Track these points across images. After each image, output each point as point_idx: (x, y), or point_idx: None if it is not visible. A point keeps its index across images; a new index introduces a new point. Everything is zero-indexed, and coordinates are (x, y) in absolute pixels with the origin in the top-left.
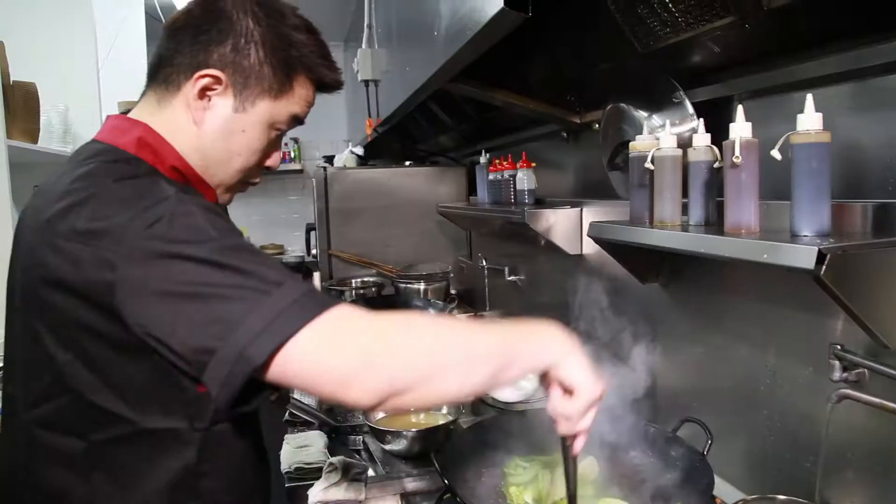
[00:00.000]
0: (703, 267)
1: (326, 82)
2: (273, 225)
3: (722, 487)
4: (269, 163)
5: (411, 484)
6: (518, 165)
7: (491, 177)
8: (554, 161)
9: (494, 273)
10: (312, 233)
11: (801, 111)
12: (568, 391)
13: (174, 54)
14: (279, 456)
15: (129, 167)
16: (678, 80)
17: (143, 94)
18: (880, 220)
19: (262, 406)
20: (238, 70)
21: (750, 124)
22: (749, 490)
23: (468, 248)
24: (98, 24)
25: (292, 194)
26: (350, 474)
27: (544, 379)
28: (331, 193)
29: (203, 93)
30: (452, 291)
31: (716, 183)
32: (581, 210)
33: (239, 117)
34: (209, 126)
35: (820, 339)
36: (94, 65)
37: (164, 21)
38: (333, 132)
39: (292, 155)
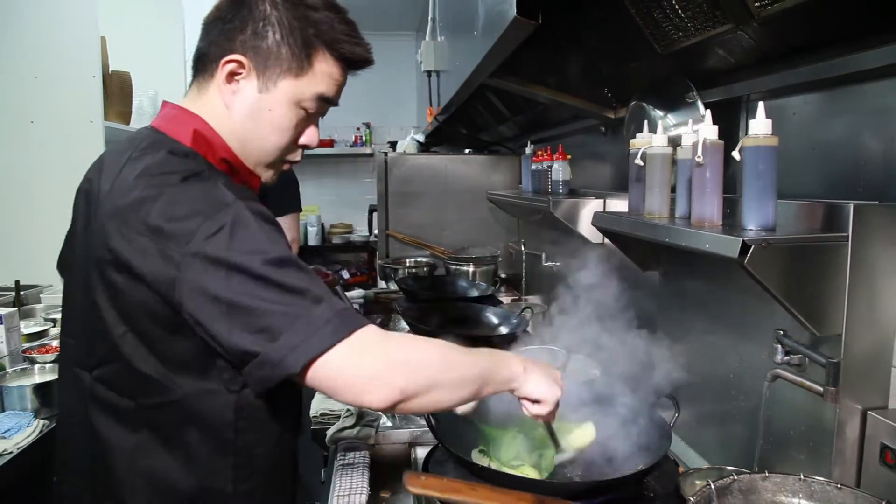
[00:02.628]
0: (694, 257)
1: (350, 58)
2: (343, 205)
3: (696, 460)
4: (303, 140)
5: (418, 433)
6: (555, 157)
7: (533, 167)
8: (593, 153)
9: (533, 259)
10: (374, 213)
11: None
12: (534, 401)
13: (208, 46)
14: (310, 403)
15: (190, 163)
16: (694, 81)
17: (190, 85)
18: (829, 219)
19: None
20: (258, 53)
21: (716, 127)
22: (716, 463)
23: (518, 235)
24: (186, 12)
25: (364, 176)
26: (364, 420)
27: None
28: (391, 177)
29: (231, 77)
30: (503, 275)
31: None
32: (605, 201)
33: (263, 97)
34: (238, 108)
35: (773, 325)
36: (182, 52)
37: None
38: (403, 118)
39: (364, 139)
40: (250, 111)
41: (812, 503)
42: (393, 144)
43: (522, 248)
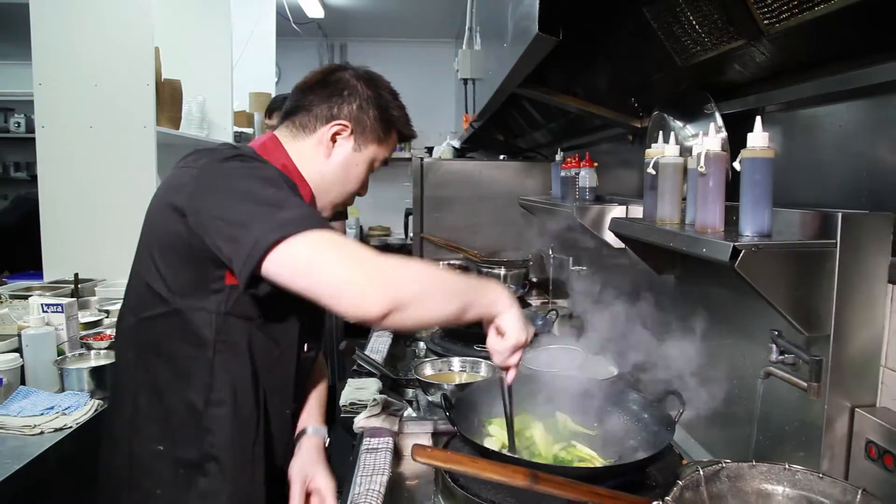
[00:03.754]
0: (705, 262)
1: (406, 135)
2: (382, 209)
3: (701, 454)
4: (361, 190)
5: (440, 425)
6: (582, 164)
7: (563, 173)
8: (621, 161)
9: (561, 263)
10: (410, 217)
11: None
12: (501, 333)
13: (310, 106)
14: (342, 395)
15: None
16: (712, 93)
17: (278, 128)
18: (822, 227)
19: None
20: (359, 122)
21: (719, 138)
22: (720, 457)
23: (550, 240)
24: (234, 25)
25: (402, 180)
26: (389, 409)
27: (488, 324)
28: (426, 181)
29: (335, 136)
30: (533, 279)
31: None
32: (627, 208)
33: (356, 155)
34: (335, 159)
35: (771, 325)
36: (229, 61)
37: (291, 20)
38: (442, 124)
39: (402, 144)
40: (344, 163)
41: (795, 491)
42: (430, 150)
43: (551, 253)
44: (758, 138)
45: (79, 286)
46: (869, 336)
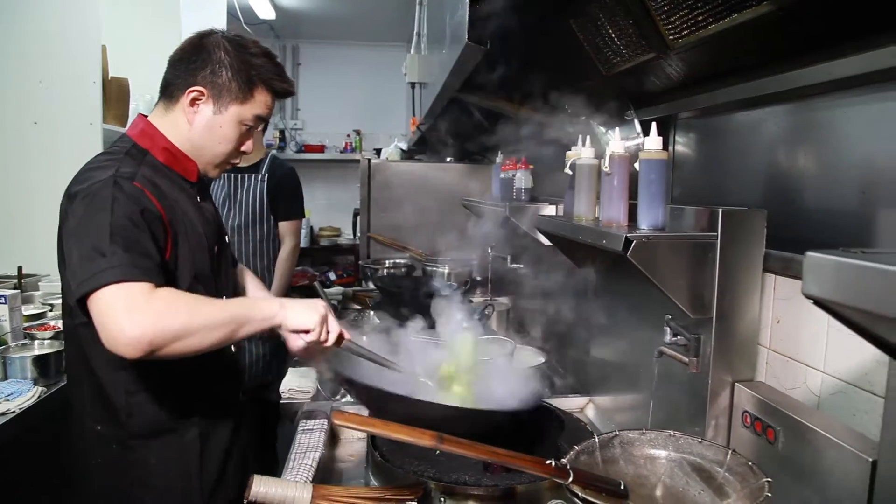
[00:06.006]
0: (618, 255)
1: (279, 91)
2: (332, 209)
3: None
4: (243, 148)
5: None
6: (518, 166)
7: (502, 175)
8: (559, 164)
9: (500, 261)
10: (358, 217)
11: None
12: (300, 331)
13: (175, 78)
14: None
15: (118, 147)
16: (633, 100)
17: (156, 104)
18: (708, 221)
19: None
20: (215, 86)
21: (630, 142)
22: None
23: (492, 240)
24: (184, 25)
25: (352, 182)
26: (321, 396)
27: (287, 334)
28: (373, 182)
29: (193, 102)
30: (477, 277)
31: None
32: (557, 207)
33: (217, 118)
34: (198, 124)
35: (667, 310)
36: None
37: (242, 21)
38: (392, 127)
39: (353, 145)
40: (207, 127)
41: (678, 454)
42: (378, 151)
43: (490, 252)
44: (653, 142)
45: (23, 280)
46: (748, 319)
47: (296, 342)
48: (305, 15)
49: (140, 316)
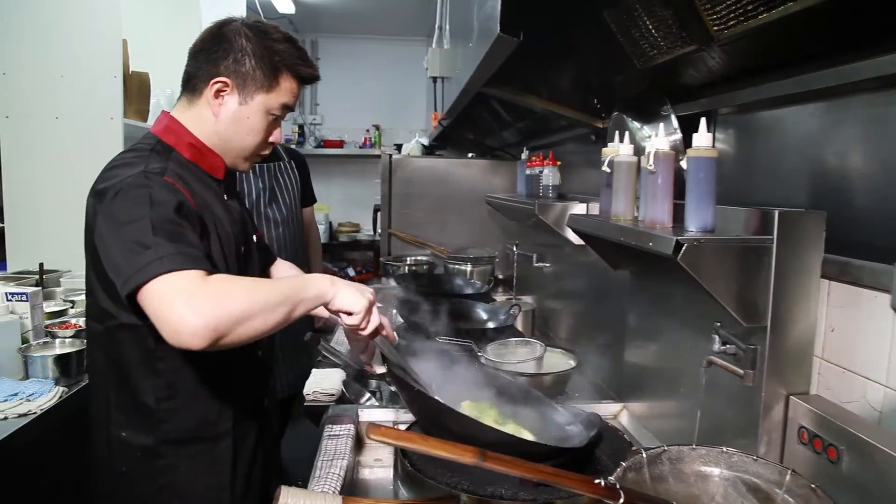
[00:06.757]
0: (657, 256)
1: (304, 76)
2: (352, 205)
3: (652, 442)
4: (271, 139)
5: (403, 415)
6: (545, 163)
7: (527, 172)
8: (585, 160)
9: (525, 259)
10: (379, 213)
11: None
12: (346, 312)
13: (196, 70)
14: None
15: (142, 145)
16: (669, 95)
17: (179, 99)
18: (762, 223)
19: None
20: (238, 75)
21: (668, 138)
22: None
23: (513, 237)
24: (204, 18)
25: (372, 177)
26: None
27: (334, 313)
28: (394, 178)
29: (217, 94)
30: (499, 276)
31: None
32: (588, 205)
33: (243, 108)
34: (224, 117)
35: (715, 318)
36: None
37: (262, 15)
38: (412, 122)
39: (373, 140)
40: (233, 119)
41: (731, 472)
42: (399, 147)
43: (515, 250)
44: (702, 139)
45: (44, 277)
46: (803, 327)
47: (345, 320)
48: (324, 9)
49: (199, 303)
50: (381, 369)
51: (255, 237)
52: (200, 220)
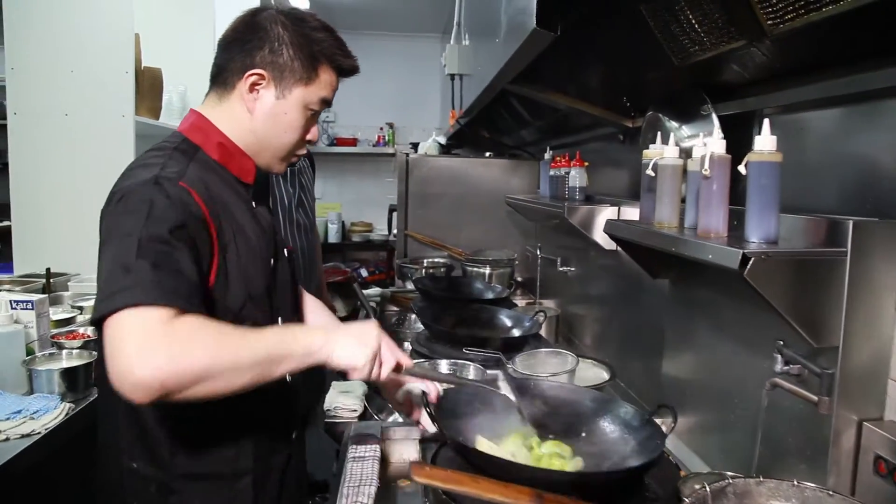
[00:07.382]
0: (701, 266)
1: (344, 68)
2: (365, 204)
3: (698, 465)
4: (309, 137)
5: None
6: (572, 164)
7: (551, 172)
8: (611, 161)
9: (548, 263)
10: (394, 213)
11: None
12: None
13: (228, 62)
14: (325, 398)
15: (167, 143)
16: (709, 93)
17: (207, 94)
18: (830, 234)
19: None
20: (275, 67)
21: (723, 141)
22: (718, 469)
23: (534, 239)
24: (217, 12)
25: (385, 176)
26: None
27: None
28: (411, 178)
29: (252, 88)
30: (519, 279)
31: None
32: (619, 209)
33: (280, 103)
34: (259, 112)
35: (774, 335)
36: (212, 50)
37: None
38: (426, 120)
39: (386, 139)
40: (270, 114)
41: None
42: (415, 146)
43: (538, 253)
44: (766, 142)
45: (51, 281)
46: (877, 348)
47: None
48: (338, 5)
49: (152, 352)
50: (432, 428)
51: (285, 251)
52: (215, 233)
